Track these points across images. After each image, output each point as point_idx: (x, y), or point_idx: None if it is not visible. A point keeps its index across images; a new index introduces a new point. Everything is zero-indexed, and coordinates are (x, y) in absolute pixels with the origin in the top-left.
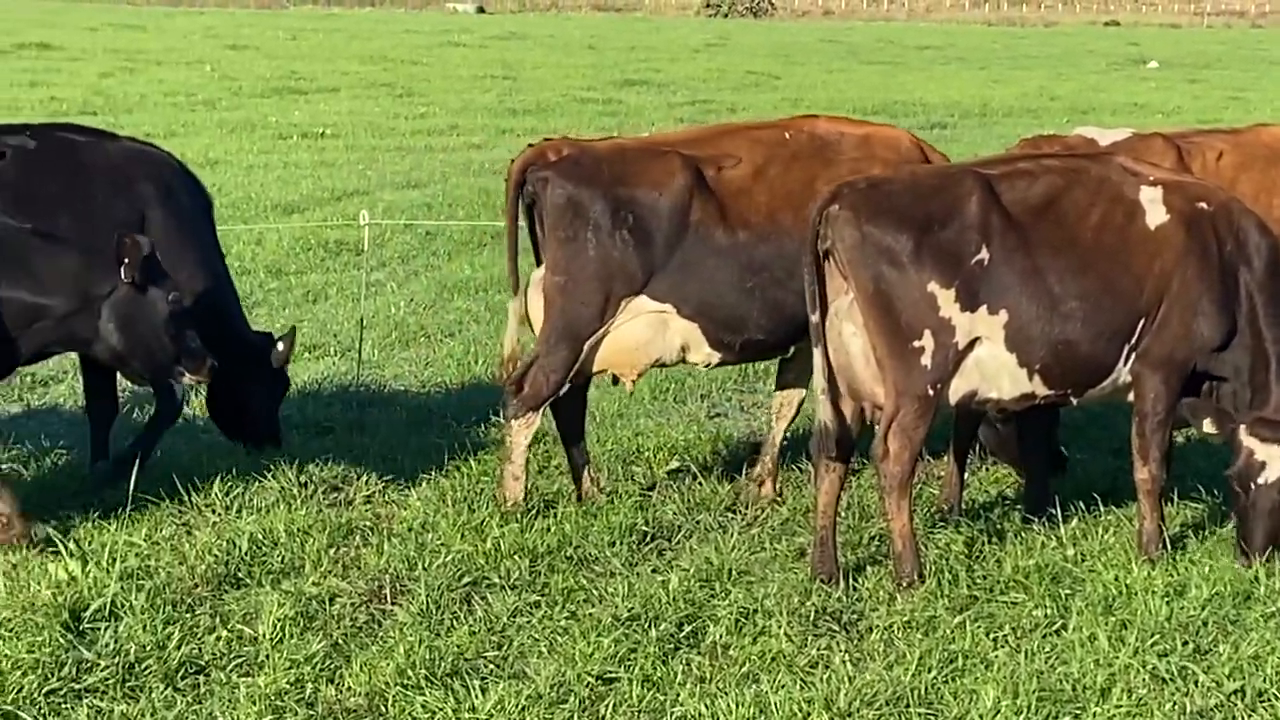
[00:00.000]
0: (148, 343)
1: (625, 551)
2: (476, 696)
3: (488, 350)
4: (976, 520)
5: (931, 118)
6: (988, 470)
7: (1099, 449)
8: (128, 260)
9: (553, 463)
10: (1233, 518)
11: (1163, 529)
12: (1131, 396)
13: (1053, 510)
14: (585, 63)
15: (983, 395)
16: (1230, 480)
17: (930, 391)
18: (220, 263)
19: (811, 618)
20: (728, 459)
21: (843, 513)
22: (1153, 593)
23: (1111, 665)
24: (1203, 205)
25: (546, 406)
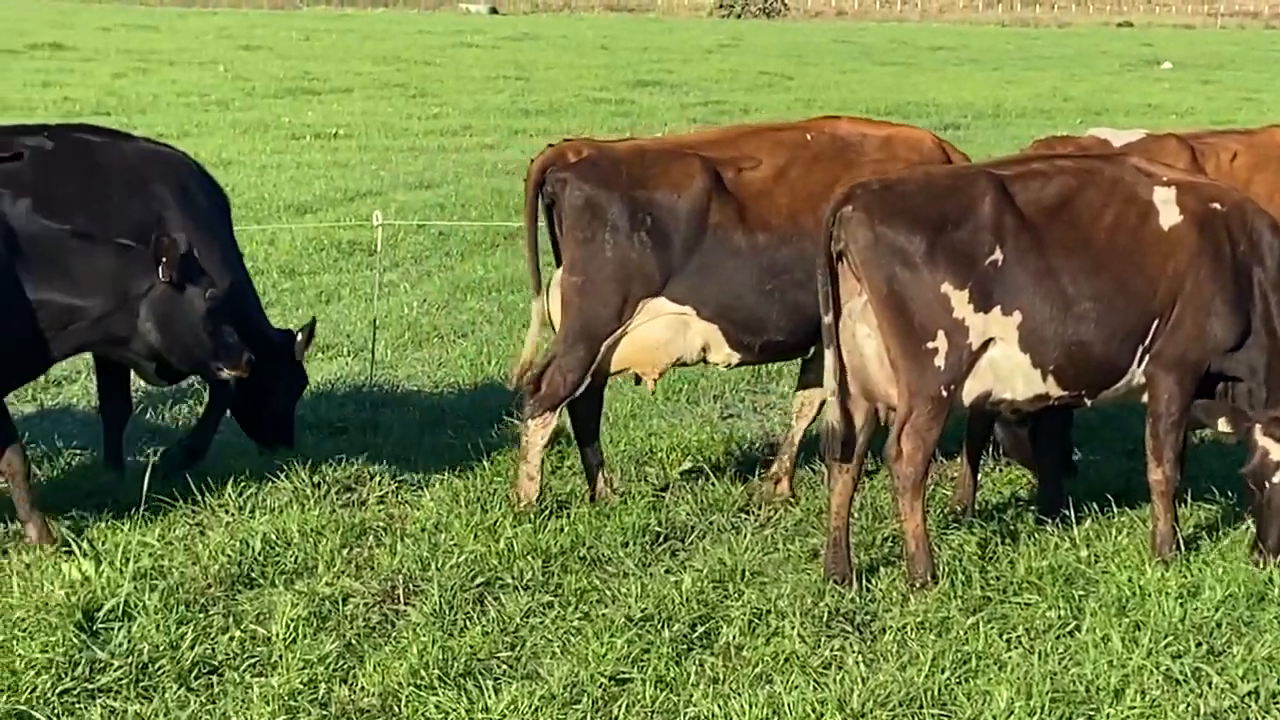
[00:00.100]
0: (185, 340)
1: (638, 552)
2: (490, 697)
3: (501, 350)
4: (990, 521)
5: (945, 119)
6: (1001, 471)
7: (1112, 450)
8: (166, 259)
9: (566, 463)
10: (1247, 518)
11: (1176, 530)
12: (1145, 397)
13: (1066, 511)
14: (598, 63)
15: (996, 396)
16: (1245, 479)
17: (944, 392)
18: (239, 262)
19: (825, 618)
20: (741, 460)
21: (856, 514)
22: (1166, 594)
23: (1125, 666)
24: (1216, 206)
25: (564, 407)
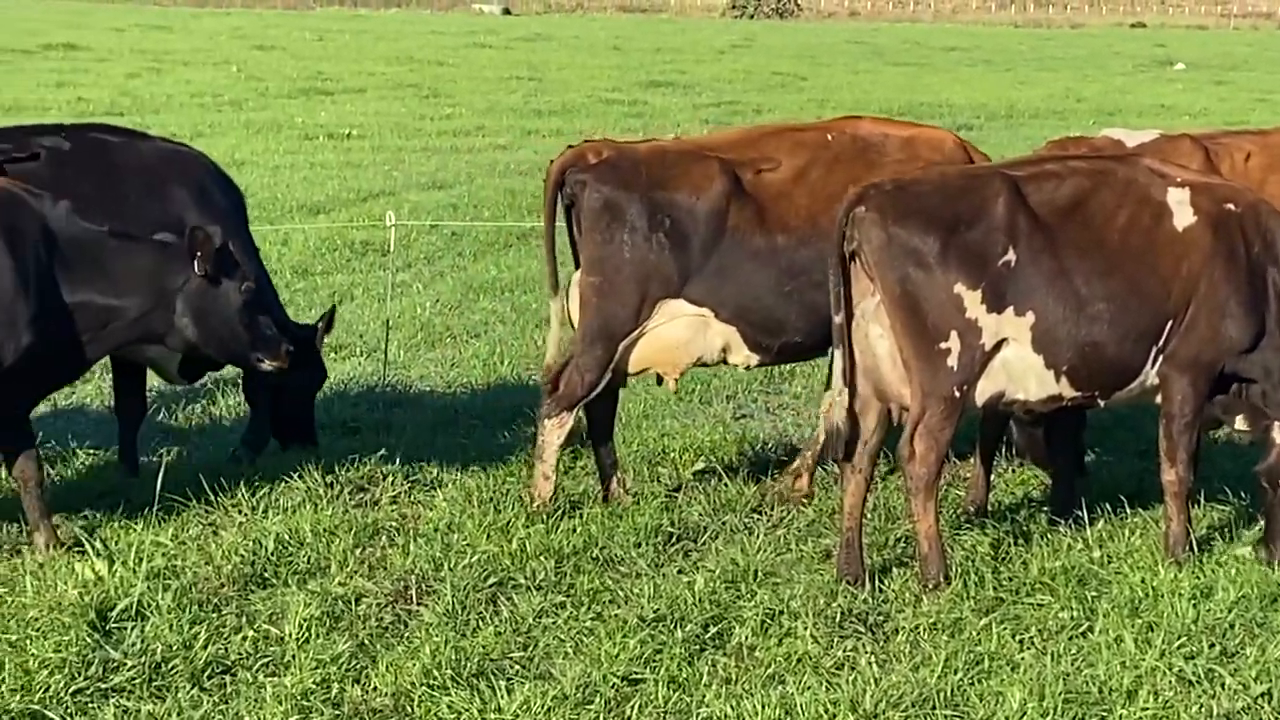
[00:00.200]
0: (222, 333)
1: (651, 552)
2: (502, 697)
3: (513, 351)
4: (1002, 522)
5: (958, 119)
6: (1014, 472)
7: (1125, 451)
8: (200, 253)
9: (579, 464)
10: (1260, 517)
11: (1189, 531)
12: (1159, 398)
13: (1079, 512)
14: (610, 64)
15: (1009, 397)
16: (1259, 477)
17: (957, 393)
18: (256, 260)
19: (837, 619)
20: (754, 460)
21: (869, 514)
22: (1179, 595)
23: (1138, 667)
24: (1230, 206)
25: (581, 407)
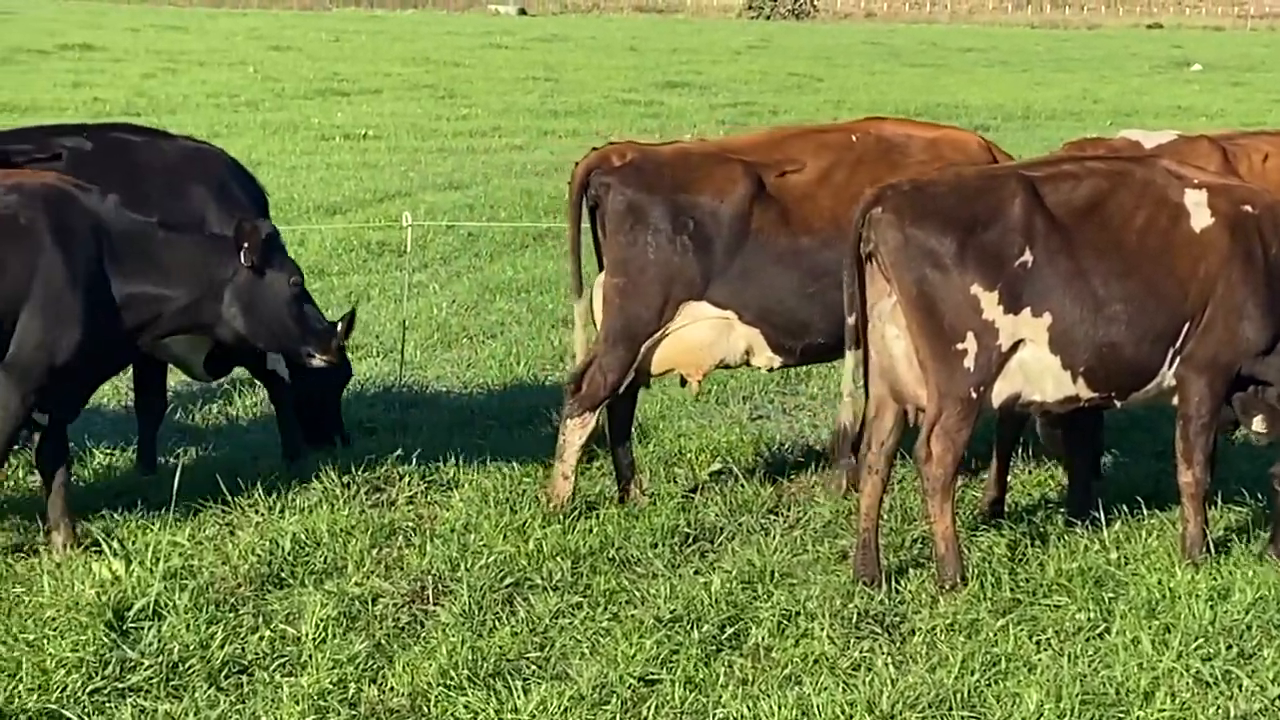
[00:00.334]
0: (271, 325)
1: (667, 553)
2: (519, 697)
3: (530, 351)
4: (1019, 523)
5: (974, 120)
6: (1030, 473)
7: (1142, 452)
8: (247, 245)
9: (595, 464)
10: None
11: (1206, 532)
12: (1175, 400)
13: (1095, 513)
14: (627, 64)
15: (1026, 398)
16: (1275, 479)
17: (973, 394)
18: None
19: (854, 620)
20: (770, 461)
21: (885, 515)
22: (1196, 596)
23: (1155, 669)
24: (1248, 208)
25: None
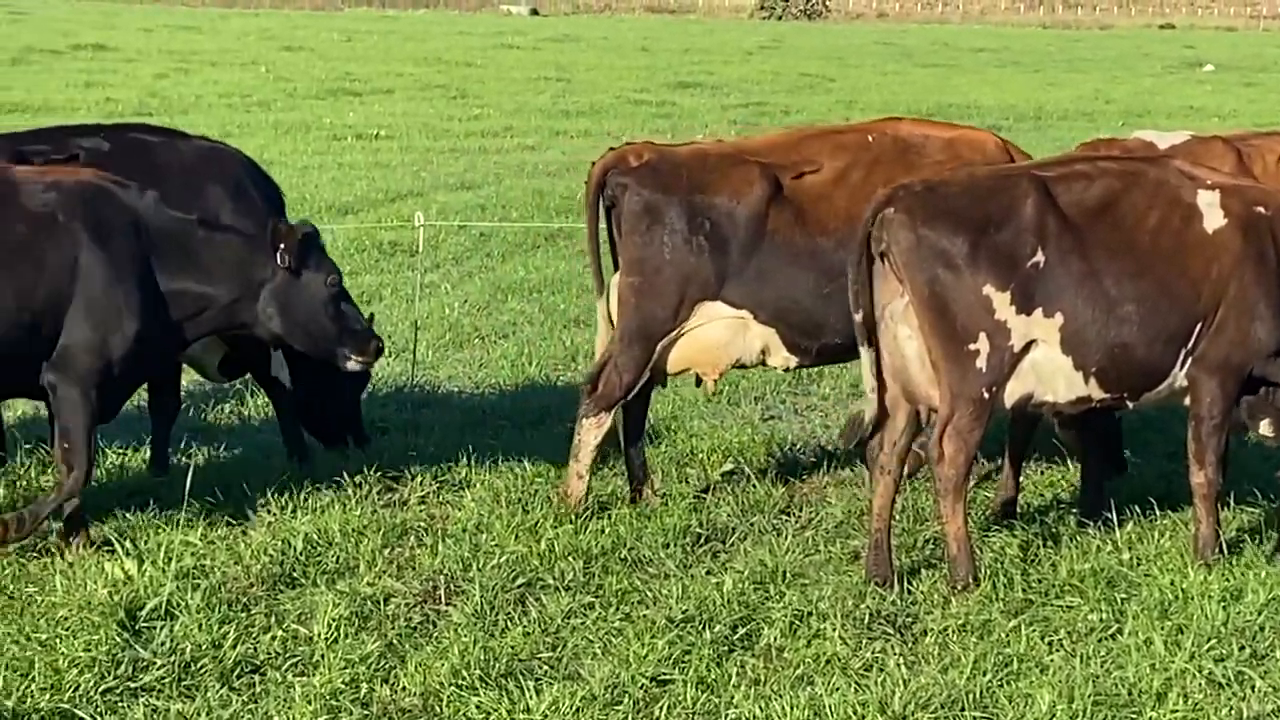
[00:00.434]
0: (308, 326)
1: (679, 553)
2: (531, 697)
3: (542, 351)
4: (1031, 524)
5: (986, 121)
6: (1042, 473)
7: (1154, 453)
8: (284, 246)
9: (607, 464)
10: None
11: (1219, 533)
12: (1187, 400)
13: (1108, 514)
14: (639, 65)
15: (1038, 398)
16: None
17: (985, 394)
18: None
19: (866, 621)
20: (782, 461)
21: (897, 515)
22: (1209, 597)
23: (1167, 670)
24: (1260, 209)
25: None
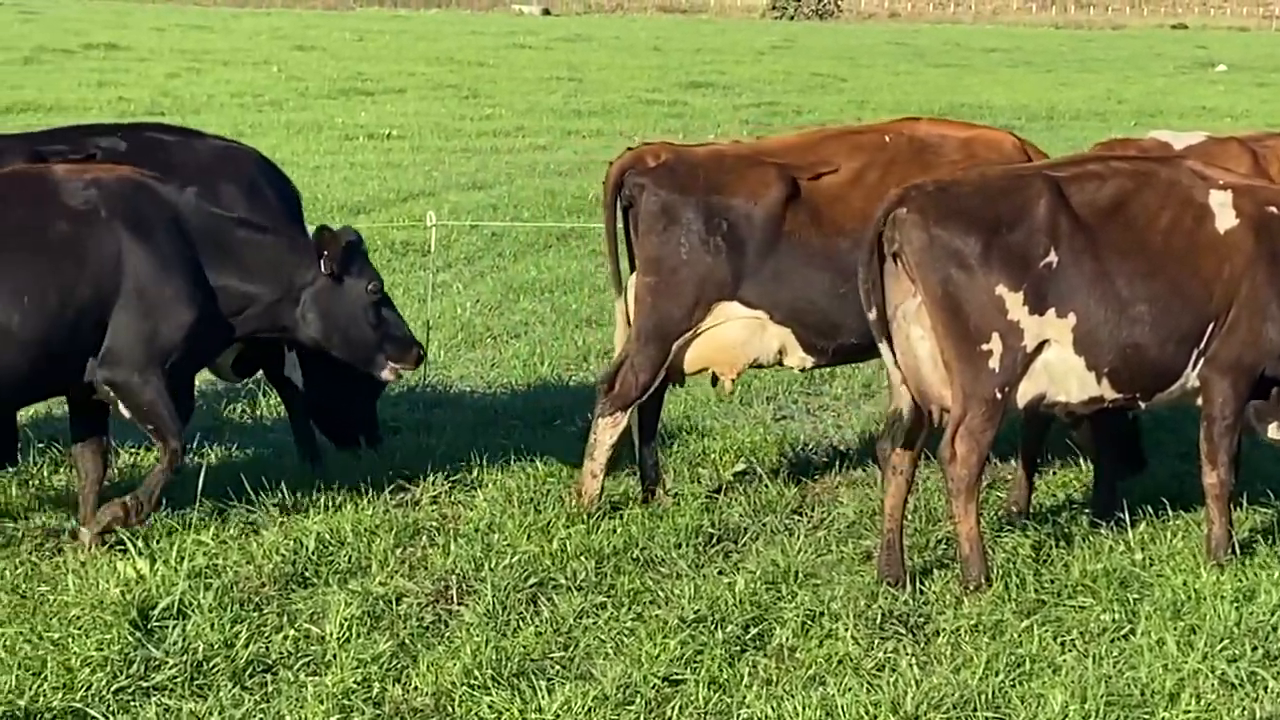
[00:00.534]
0: (349, 333)
1: (691, 553)
2: (543, 697)
3: (554, 351)
4: (1044, 524)
5: (998, 121)
6: (1055, 474)
7: (1166, 453)
8: (327, 253)
9: (618, 464)
10: None
11: (1231, 534)
12: (1199, 401)
13: (1120, 514)
14: (651, 64)
15: (1050, 398)
16: None
17: (998, 394)
18: None
19: (878, 621)
20: (794, 461)
21: (910, 516)
22: (1222, 598)
23: (1180, 670)
24: (1273, 209)
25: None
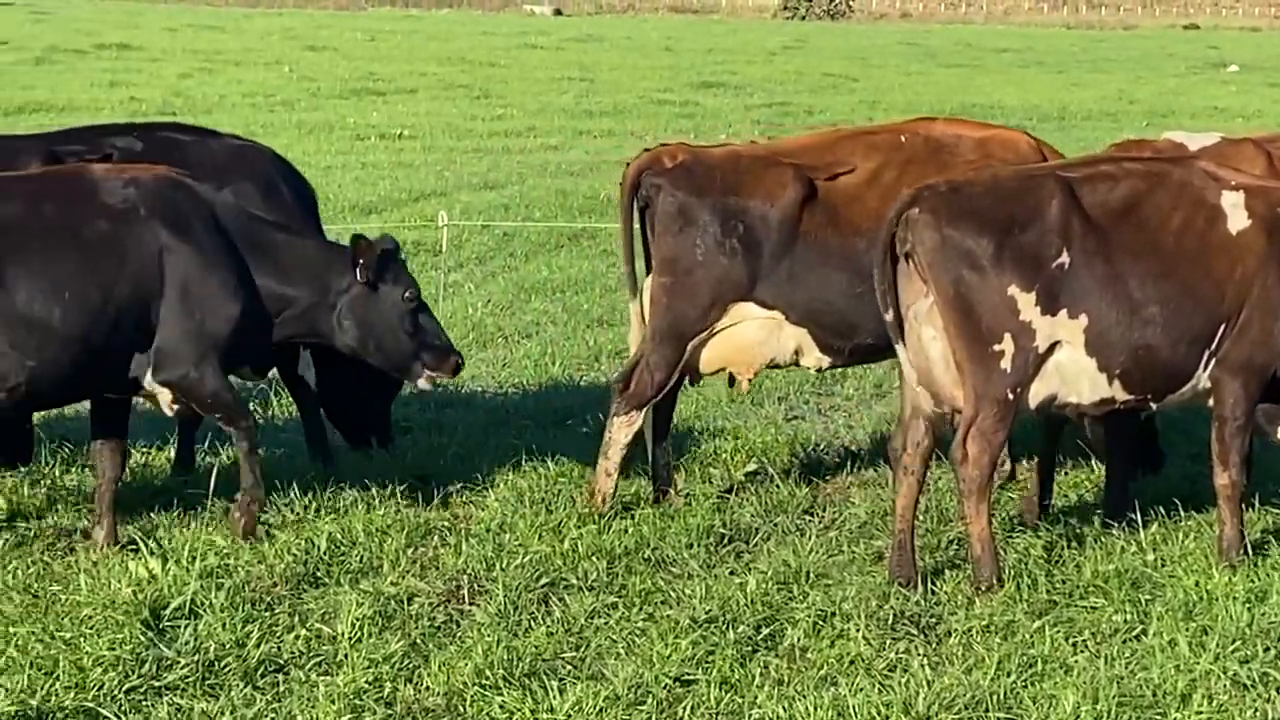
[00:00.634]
0: (384, 340)
1: (703, 553)
2: (554, 697)
3: (565, 351)
4: (1055, 525)
5: (1010, 121)
6: (1067, 474)
7: (1178, 453)
8: (362, 260)
9: (629, 465)
10: None
11: (1243, 534)
12: (1211, 402)
13: (1132, 515)
14: (662, 65)
15: (1062, 399)
16: None
17: (1010, 395)
18: None
19: (890, 621)
20: (805, 462)
21: (921, 516)
22: (1233, 598)
23: (1192, 671)
24: None
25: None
